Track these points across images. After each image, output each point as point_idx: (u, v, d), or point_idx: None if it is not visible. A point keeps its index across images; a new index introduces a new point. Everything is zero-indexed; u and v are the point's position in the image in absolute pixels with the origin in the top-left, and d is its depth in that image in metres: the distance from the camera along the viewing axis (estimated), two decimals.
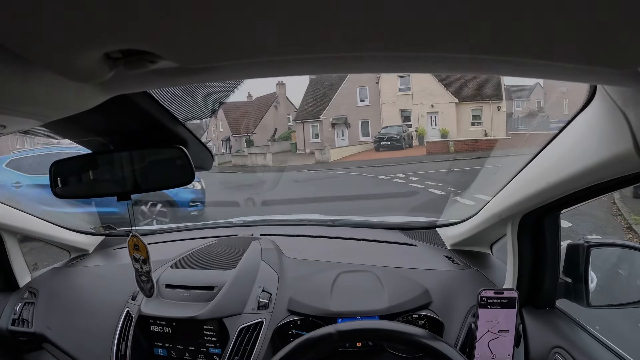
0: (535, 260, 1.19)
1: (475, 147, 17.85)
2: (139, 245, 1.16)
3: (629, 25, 0.36)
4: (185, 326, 1.26)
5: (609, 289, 1.15)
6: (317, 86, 27.26)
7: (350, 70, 0.55)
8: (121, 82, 0.53)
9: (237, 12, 0.34)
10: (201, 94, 0.89)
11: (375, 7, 0.34)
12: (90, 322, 1.41)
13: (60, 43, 0.38)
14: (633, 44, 0.40)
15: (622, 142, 0.64)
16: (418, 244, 1.70)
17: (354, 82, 24.75)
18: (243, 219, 2.14)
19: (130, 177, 0.90)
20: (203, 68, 0.50)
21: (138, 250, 1.16)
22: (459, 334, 1.22)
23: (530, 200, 1.04)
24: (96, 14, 0.33)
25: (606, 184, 0.82)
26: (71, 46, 0.39)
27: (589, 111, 0.74)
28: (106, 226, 2.03)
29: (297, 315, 1.27)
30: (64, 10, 0.33)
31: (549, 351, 1.07)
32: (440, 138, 21.60)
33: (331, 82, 26.31)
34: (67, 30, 0.36)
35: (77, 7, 0.32)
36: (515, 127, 23.33)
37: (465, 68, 0.54)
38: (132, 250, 1.17)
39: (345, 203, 8.22)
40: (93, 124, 0.83)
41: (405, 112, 23.92)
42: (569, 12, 0.34)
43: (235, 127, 32.42)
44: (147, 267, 1.18)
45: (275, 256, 1.51)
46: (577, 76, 0.56)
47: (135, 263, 1.19)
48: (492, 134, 21.03)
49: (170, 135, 0.86)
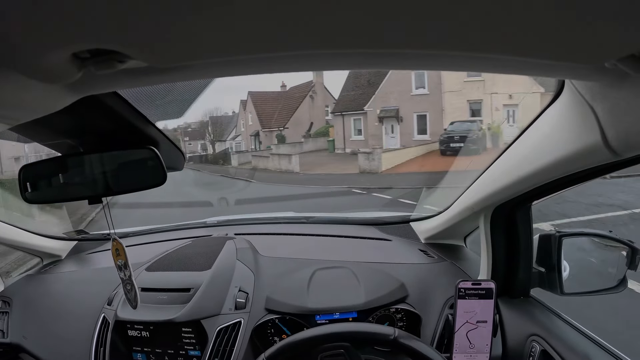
0: (508, 251, 1.22)
1: None
2: (119, 250, 1.13)
3: (596, 21, 0.37)
4: (163, 329, 1.24)
5: (581, 277, 1.18)
6: (361, 71, 18.99)
7: (321, 67, 0.55)
8: (90, 82, 0.52)
9: (207, 11, 0.34)
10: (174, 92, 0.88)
11: (348, 7, 0.34)
12: (67, 329, 1.38)
13: (26, 43, 0.37)
14: (600, 40, 0.41)
15: (591, 134, 0.66)
16: (393, 238, 1.72)
17: None
18: (217, 218, 2.12)
19: (101, 180, 0.88)
20: (173, 67, 0.50)
21: (119, 255, 1.14)
22: (437, 326, 1.24)
23: (502, 192, 1.06)
24: (63, 13, 0.33)
25: (576, 175, 0.84)
26: (38, 46, 0.38)
27: (558, 105, 0.76)
28: (78, 230, 1.99)
29: (275, 313, 1.27)
30: (30, 10, 0.32)
31: (526, 339, 1.10)
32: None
33: None
34: (33, 30, 0.35)
35: (43, 7, 0.32)
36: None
37: (437, 65, 0.55)
38: (116, 257, 1.14)
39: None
40: (62, 126, 0.81)
41: (474, 103, 17.69)
42: (538, 9, 0.35)
43: (266, 121, 28.67)
44: (127, 272, 1.15)
45: (251, 255, 1.51)
46: (546, 71, 0.57)
47: (120, 272, 1.15)
48: None
49: (141, 136, 0.84)
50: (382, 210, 2.55)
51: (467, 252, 1.60)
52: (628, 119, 0.58)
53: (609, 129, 0.63)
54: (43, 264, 1.81)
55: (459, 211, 1.36)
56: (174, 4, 0.32)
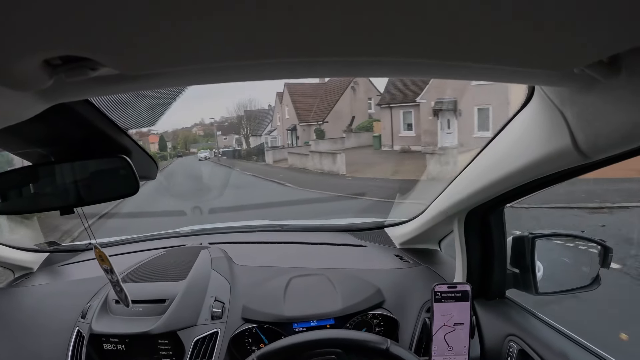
0: (483, 254, 1.25)
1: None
2: (102, 257, 1.11)
3: (565, 29, 0.38)
4: (139, 342, 1.21)
5: (556, 277, 1.21)
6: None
7: (294, 75, 0.56)
8: (61, 90, 0.51)
9: (179, 19, 0.34)
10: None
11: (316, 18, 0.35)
12: (41, 344, 1.34)
13: None
14: (569, 48, 0.42)
15: (561, 138, 0.68)
16: (367, 244, 1.73)
17: None
18: (191, 228, 2.09)
19: (72, 190, 0.86)
20: (145, 75, 0.50)
21: (103, 261, 1.12)
22: (414, 330, 1.25)
23: (475, 196, 1.08)
24: (34, 19, 0.32)
25: (547, 178, 0.86)
26: (8, 52, 0.37)
27: (528, 110, 0.78)
28: (50, 242, 1.93)
29: (251, 322, 1.26)
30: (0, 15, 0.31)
31: (503, 339, 1.12)
32: None
33: None
34: (2, 36, 0.34)
35: (13, 12, 0.31)
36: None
37: (409, 72, 0.56)
38: (101, 262, 1.13)
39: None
40: (33, 135, 0.79)
41: None
42: (507, 18, 0.36)
43: (304, 114, 26.23)
44: (115, 277, 1.13)
45: (226, 264, 1.49)
46: (517, 78, 0.59)
47: (107, 274, 1.14)
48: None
49: (113, 144, 0.83)
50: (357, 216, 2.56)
51: (442, 256, 1.62)
52: (597, 122, 0.60)
53: (578, 132, 0.64)
54: (14, 277, 1.75)
55: (433, 216, 1.37)
56: (146, 12, 0.32)
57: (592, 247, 1.16)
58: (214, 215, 7.68)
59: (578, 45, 0.42)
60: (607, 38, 0.40)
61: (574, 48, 0.43)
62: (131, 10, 0.32)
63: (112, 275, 1.13)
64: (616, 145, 0.61)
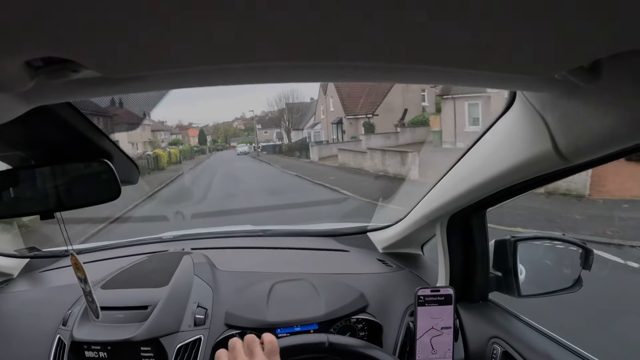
0: (465, 258, 1.26)
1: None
2: (78, 265, 1.09)
3: (546, 35, 0.39)
4: (121, 349, 1.19)
5: (538, 279, 1.22)
6: None
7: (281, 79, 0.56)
8: (42, 92, 0.51)
9: (164, 21, 0.34)
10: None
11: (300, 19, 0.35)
12: (21, 351, 1.30)
13: None
14: (550, 54, 0.43)
15: (542, 143, 0.69)
16: (350, 249, 1.73)
17: None
18: (172, 233, 2.07)
19: (53, 194, 0.85)
20: (127, 78, 0.49)
21: (78, 269, 1.10)
22: (398, 334, 1.26)
23: (457, 201, 1.10)
24: (14, 21, 0.32)
25: (528, 181, 0.88)
26: None
27: (510, 115, 0.79)
28: (30, 248, 1.90)
29: (234, 329, 1.25)
30: None
31: (487, 342, 1.12)
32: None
33: None
34: None
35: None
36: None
37: (396, 77, 0.57)
38: (76, 270, 1.10)
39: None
40: (12, 138, 0.78)
41: None
42: (492, 25, 0.37)
43: (350, 107, 23.94)
44: (88, 287, 1.12)
45: (209, 270, 1.48)
46: (498, 83, 0.60)
47: (81, 283, 1.12)
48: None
49: (94, 148, 0.83)
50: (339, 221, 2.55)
51: (425, 260, 1.63)
52: (578, 127, 0.61)
53: (559, 137, 0.66)
54: None
55: (415, 220, 1.38)
56: (129, 14, 0.32)
57: (573, 249, 1.17)
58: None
59: (559, 51, 0.43)
60: (588, 44, 0.41)
61: (556, 54, 0.43)
62: (114, 11, 0.32)
63: (85, 284, 1.11)
64: (596, 149, 0.63)
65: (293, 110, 33.12)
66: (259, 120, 42.05)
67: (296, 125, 32.55)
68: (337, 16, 0.35)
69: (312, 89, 52.65)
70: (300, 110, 33.26)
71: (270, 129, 36.51)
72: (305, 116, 32.51)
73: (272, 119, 36.65)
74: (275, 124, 35.34)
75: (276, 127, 35.10)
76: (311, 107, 32.16)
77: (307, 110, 33.05)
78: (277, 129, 34.86)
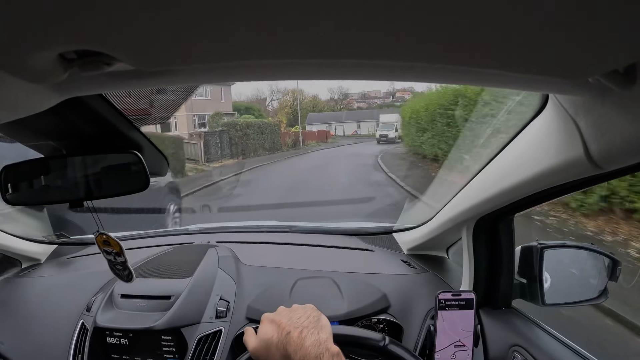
0: (490, 263, 1.23)
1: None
2: (109, 242, 1.11)
3: (580, 38, 0.37)
4: (143, 337, 1.22)
5: (563, 288, 1.19)
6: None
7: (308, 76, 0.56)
8: (75, 84, 0.52)
9: (197, 16, 0.34)
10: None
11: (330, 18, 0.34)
12: (45, 335, 1.35)
13: (13, 42, 0.37)
14: (584, 56, 0.42)
15: (574, 148, 0.67)
16: (375, 249, 1.72)
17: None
18: (199, 226, 2.10)
19: (83, 184, 0.87)
20: (160, 71, 0.50)
21: (109, 245, 1.12)
22: (418, 337, 1.24)
23: (485, 204, 1.07)
24: (50, 14, 0.32)
25: (558, 188, 0.85)
26: (24, 46, 0.38)
27: (541, 119, 0.77)
28: (58, 234, 1.95)
29: (255, 323, 1.25)
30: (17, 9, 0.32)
31: (508, 349, 1.10)
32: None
33: None
34: (20, 30, 0.35)
35: (30, 6, 0.31)
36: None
37: (424, 77, 0.56)
38: (102, 245, 1.12)
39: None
40: (45, 127, 0.80)
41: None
42: (522, 25, 0.36)
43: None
44: (121, 259, 1.13)
45: (233, 264, 1.49)
46: (530, 86, 0.59)
47: (108, 255, 1.14)
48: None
49: (125, 140, 0.84)
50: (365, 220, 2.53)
51: (449, 263, 1.61)
52: (610, 133, 0.59)
53: (591, 142, 0.63)
54: (22, 268, 1.77)
55: (441, 223, 1.36)
56: (163, 8, 0.32)
57: (599, 260, 1.14)
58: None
59: (593, 53, 0.41)
60: (623, 47, 0.39)
61: (589, 56, 0.42)
62: (148, 6, 0.32)
63: (117, 257, 1.13)
64: (629, 156, 0.60)
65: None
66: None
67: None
68: (364, 15, 0.34)
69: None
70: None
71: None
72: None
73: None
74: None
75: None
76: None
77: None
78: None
